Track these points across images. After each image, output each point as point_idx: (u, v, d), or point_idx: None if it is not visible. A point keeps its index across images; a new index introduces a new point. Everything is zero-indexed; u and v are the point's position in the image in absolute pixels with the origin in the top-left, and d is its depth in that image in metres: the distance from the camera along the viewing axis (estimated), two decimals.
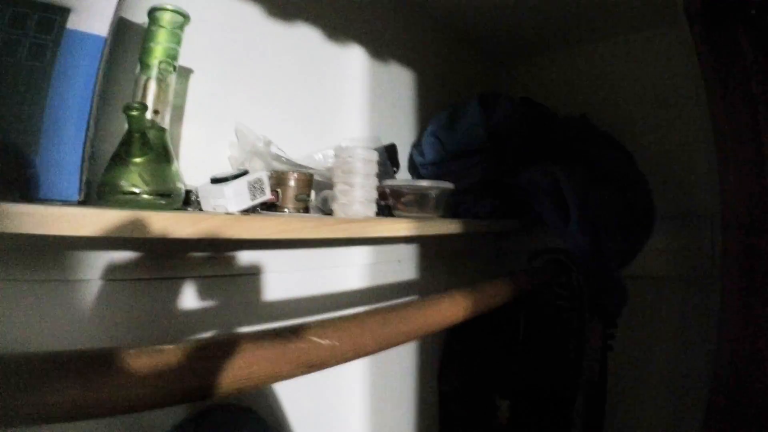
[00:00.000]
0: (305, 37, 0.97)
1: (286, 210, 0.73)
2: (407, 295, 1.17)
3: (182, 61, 0.67)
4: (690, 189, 1.25)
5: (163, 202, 0.55)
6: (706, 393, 1.03)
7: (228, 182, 0.58)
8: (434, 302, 0.54)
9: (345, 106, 1.06)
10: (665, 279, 1.25)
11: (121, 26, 0.59)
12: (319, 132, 0.98)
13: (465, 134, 1.09)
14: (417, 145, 1.21)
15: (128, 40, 0.63)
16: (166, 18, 0.60)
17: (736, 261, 1.06)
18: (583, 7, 1.25)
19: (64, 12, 0.53)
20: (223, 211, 0.58)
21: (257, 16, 0.88)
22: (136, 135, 0.53)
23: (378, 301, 1.08)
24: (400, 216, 0.86)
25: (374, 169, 0.75)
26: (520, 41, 1.52)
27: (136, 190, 0.54)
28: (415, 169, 1.20)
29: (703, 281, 1.18)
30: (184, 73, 0.76)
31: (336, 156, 0.75)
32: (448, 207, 0.96)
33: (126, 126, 0.55)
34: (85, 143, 0.52)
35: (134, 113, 0.51)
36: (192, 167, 0.75)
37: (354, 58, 1.09)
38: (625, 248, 1.09)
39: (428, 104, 1.31)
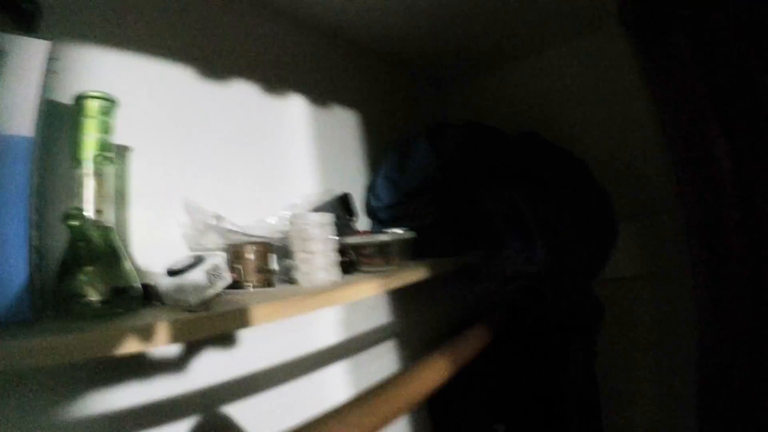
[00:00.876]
0: (241, 95, 0.96)
1: (248, 285, 0.71)
2: (386, 340, 1.16)
3: (118, 139, 0.64)
4: (650, 188, 1.27)
5: (121, 308, 0.52)
6: (693, 387, 1.04)
7: (184, 274, 0.56)
8: (416, 373, 0.53)
9: (292, 159, 1.04)
10: (638, 279, 1.28)
11: (50, 110, 0.55)
12: (269, 192, 0.96)
13: (416, 173, 1.09)
14: (371, 188, 1.20)
15: (60, 122, 0.59)
16: (94, 107, 0.57)
17: (699, 253, 1.07)
18: (516, 22, 1.28)
19: None
20: (185, 304, 0.55)
21: (188, 82, 0.86)
22: (81, 244, 0.50)
23: (357, 352, 1.06)
24: (364, 270, 0.85)
25: (331, 231, 0.74)
26: (458, 63, 1.54)
27: (92, 299, 0.50)
28: (372, 213, 1.19)
29: (675, 276, 1.20)
30: (122, 152, 0.73)
31: (291, 224, 0.73)
32: (412, 250, 0.96)
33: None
34: (29, 260, 0.49)
35: (73, 223, 0.48)
36: (145, 248, 0.72)
37: (293, 107, 1.08)
38: (592, 260, 1.11)
39: (377, 141, 1.31)
